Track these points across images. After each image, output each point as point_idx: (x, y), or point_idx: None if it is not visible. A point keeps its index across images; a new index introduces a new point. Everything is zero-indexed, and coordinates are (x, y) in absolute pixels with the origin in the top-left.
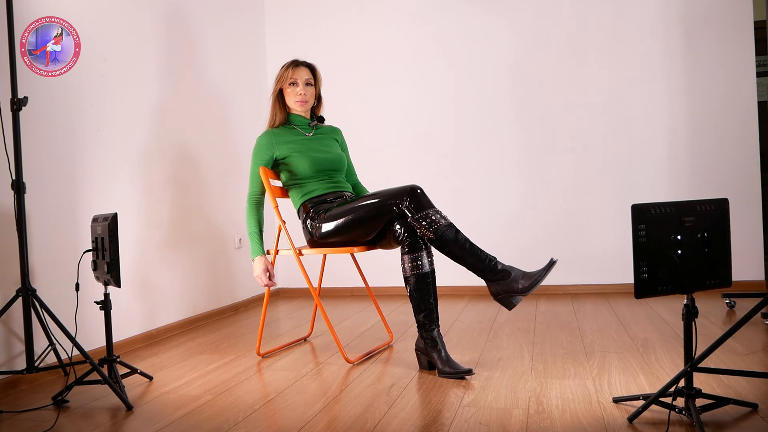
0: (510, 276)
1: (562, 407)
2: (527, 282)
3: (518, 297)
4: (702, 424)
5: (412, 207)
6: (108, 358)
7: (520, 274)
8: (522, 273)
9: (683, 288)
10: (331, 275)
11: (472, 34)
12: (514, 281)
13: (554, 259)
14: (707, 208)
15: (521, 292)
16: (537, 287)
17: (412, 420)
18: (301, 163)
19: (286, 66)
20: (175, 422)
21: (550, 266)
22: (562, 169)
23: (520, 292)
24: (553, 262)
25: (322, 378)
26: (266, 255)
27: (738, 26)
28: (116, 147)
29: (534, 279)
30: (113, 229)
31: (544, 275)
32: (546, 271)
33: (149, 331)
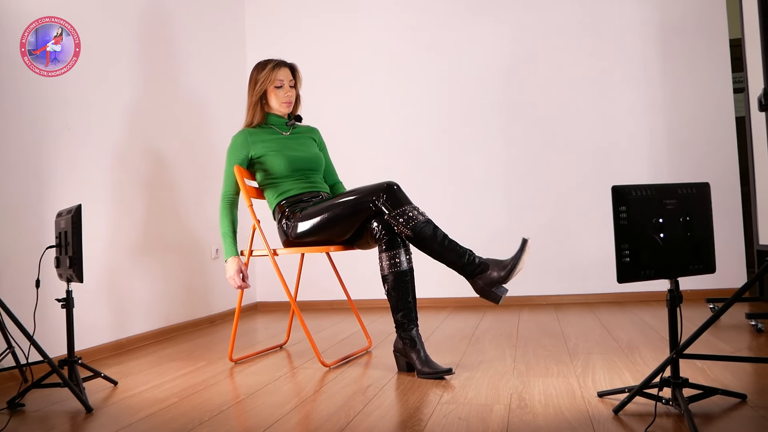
0: (488, 269)
1: (545, 402)
2: (504, 270)
3: (503, 288)
4: (691, 414)
5: (388, 204)
6: (69, 359)
7: (497, 263)
8: (499, 262)
9: (667, 272)
10: (311, 287)
11: (457, 43)
12: (491, 272)
13: (526, 239)
14: (689, 192)
15: (500, 281)
16: (516, 272)
17: (389, 416)
18: (276, 162)
19: (271, 67)
20: (136, 423)
21: (523, 246)
22: (546, 180)
23: (500, 281)
24: (525, 241)
25: (296, 381)
26: (240, 256)
27: (714, 35)
28: (86, 146)
29: (510, 264)
30: (77, 221)
31: (519, 257)
32: (520, 253)
33: (118, 339)
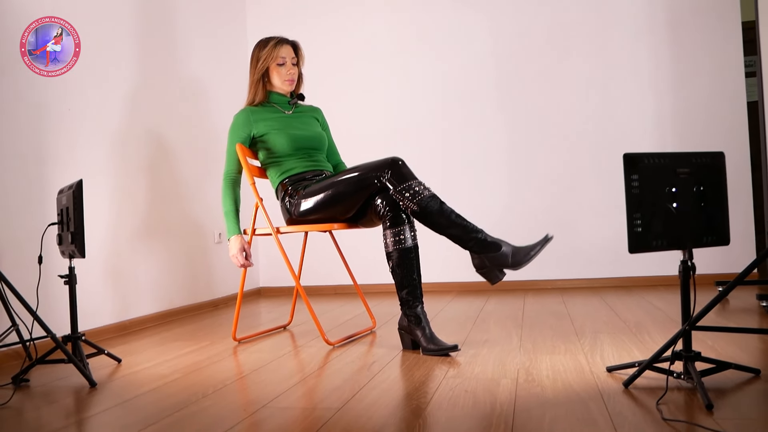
0: (500, 249)
1: (553, 377)
2: (520, 256)
3: (503, 272)
4: (704, 386)
5: (394, 179)
6: (72, 335)
7: (511, 248)
8: (514, 247)
9: (679, 243)
10: (315, 272)
11: (456, 28)
12: (504, 255)
13: (549, 236)
14: (703, 161)
15: (513, 266)
16: (530, 262)
17: (394, 390)
18: (279, 141)
19: (273, 44)
20: (141, 396)
21: (545, 242)
22: (550, 164)
23: (512, 266)
24: (548, 239)
25: (299, 358)
26: (243, 235)
27: (725, 18)
28: (88, 128)
29: (528, 253)
30: (78, 195)
31: (538, 250)
32: (541, 246)
33: (122, 321)
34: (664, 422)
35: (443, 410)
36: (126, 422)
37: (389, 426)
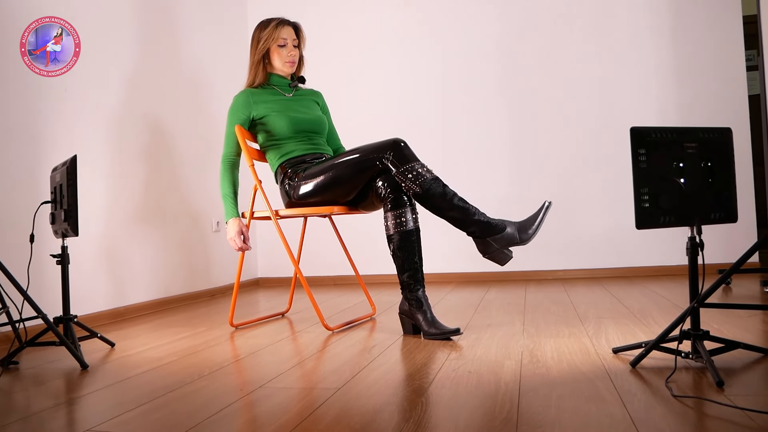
0: (505, 229)
1: (558, 359)
2: (527, 229)
3: (510, 250)
4: (714, 364)
5: (396, 161)
6: (64, 317)
7: (515, 225)
8: (517, 223)
9: (687, 219)
10: (315, 263)
11: (460, 16)
12: (510, 233)
13: (547, 202)
14: (711, 136)
15: (522, 241)
16: (538, 233)
17: (395, 371)
18: (279, 123)
19: (274, 25)
20: (134, 377)
21: (546, 209)
22: (553, 153)
23: (522, 241)
24: (547, 206)
25: (298, 343)
26: (241, 218)
27: (727, 11)
28: (84, 111)
29: (533, 225)
30: (72, 171)
31: (542, 219)
32: (543, 214)
33: (116, 308)
34: (675, 399)
35: (446, 389)
36: (118, 401)
37: (391, 405)
